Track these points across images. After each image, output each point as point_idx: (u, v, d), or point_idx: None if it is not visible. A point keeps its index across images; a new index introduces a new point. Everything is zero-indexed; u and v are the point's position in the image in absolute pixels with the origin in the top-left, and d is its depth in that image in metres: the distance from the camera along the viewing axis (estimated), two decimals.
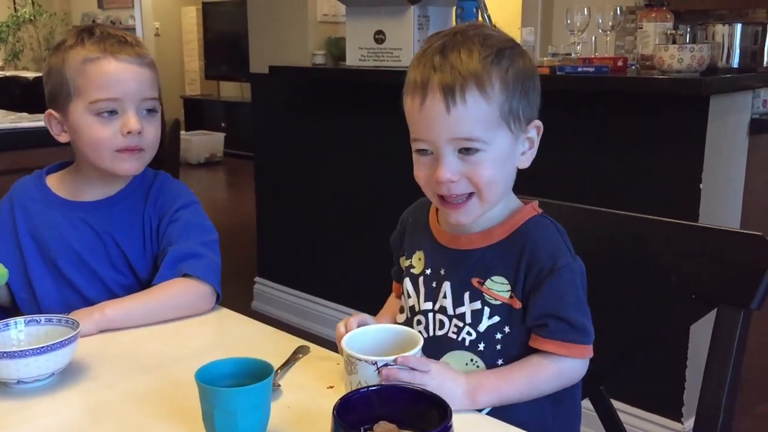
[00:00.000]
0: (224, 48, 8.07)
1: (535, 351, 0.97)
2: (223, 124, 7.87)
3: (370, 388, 0.83)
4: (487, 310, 0.98)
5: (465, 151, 0.93)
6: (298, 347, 1.08)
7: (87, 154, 1.23)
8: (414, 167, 0.99)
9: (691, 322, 1.04)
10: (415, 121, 0.95)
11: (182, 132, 7.11)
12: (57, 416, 0.92)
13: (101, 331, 1.14)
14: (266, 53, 3.20)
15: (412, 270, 1.08)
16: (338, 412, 0.77)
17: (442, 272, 1.03)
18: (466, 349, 0.99)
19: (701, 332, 1.10)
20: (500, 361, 0.98)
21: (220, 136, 7.62)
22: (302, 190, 3.15)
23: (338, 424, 0.76)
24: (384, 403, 0.84)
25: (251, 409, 0.80)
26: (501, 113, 0.93)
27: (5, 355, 0.92)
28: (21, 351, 0.92)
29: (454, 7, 2.69)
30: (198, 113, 8.25)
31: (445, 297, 1.01)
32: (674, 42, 2.10)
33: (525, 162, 0.99)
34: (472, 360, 0.98)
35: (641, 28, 2.30)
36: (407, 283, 1.07)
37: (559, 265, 0.95)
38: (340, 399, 0.80)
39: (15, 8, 9.11)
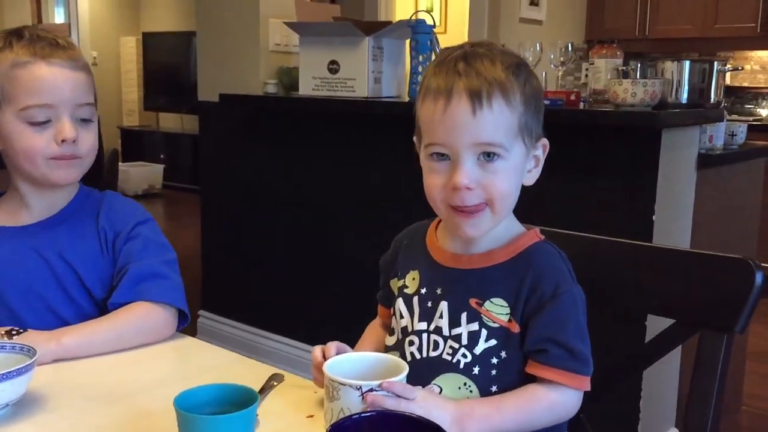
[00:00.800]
0: (164, 79, 7.95)
1: (531, 381, 0.94)
2: (162, 156, 7.71)
3: (363, 415, 0.79)
4: (484, 332, 0.95)
5: (486, 157, 0.91)
6: (272, 375, 1.03)
7: (20, 163, 1.15)
8: (425, 177, 0.96)
9: (673, 346, 1.04)
10: (435, 126, 0.92)
11: (120, 163, 6.95)
12: None
13: (56, 360, 1.07)
14: (216, 81, 3.14)
15: (405, 290, 1.04)
16: None
17: (439, 291, 1.00)
18: (461, 372, 0.95)
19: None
20: (494, 388, 0.94)
21: (159, 168, 7.45)
22: (251, 221, 3.08)
23: None
24: (376, 430, 0.80)
25: None
26: (519, 125, 0.93)
27: None
28: None
29: (408, 40, 2.71)
30: (136, 144, 8.06)
31: (441, 317, 0.98)
32: (626, 77, 2.15)
33: (530, 179, 0.99)
34: (465, 384, 0.95)
35: (592, 63, 2.35)
36: (400, 303, 1.04)
37: (561, 291, 0.93)
38: (332, 426, 0.75)
39: None
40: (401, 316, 1.03)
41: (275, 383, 1.00)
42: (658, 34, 4.78)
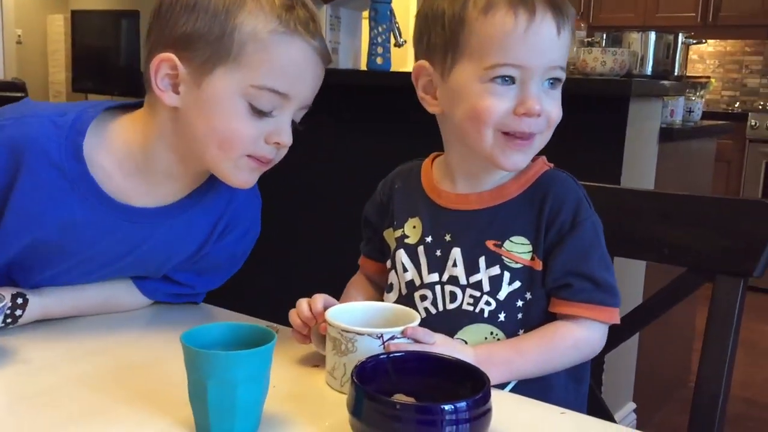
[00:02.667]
0: (94, 59, 7.63)
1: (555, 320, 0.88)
2: None
3: (389, 356, 0.72)
4: (507, 275, 0.87)
5: (553, 83, 0.86)
6: (265, 326, 0.95)
7: (204, 141, 0.88)
8: (475, 101, 0.84)
9: (686, 294, 1.00)
10: (512, 43, 0.82)
11: None
12: None
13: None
14: None
15: (406, 240, 0.95)
16: (360, 381, 0.66)
17: (448, 238, 0.91)
18: (485, 321, 0.87)
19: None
20: (521, 332, 0.87)
21: None
22: None
23: (361, 392, 0.65)
24: (399, 374, 0.73)
25: (252, 379, 0.66)
26: None
27: None
28: None
29: (366, 11, 2.64)
30: None
31: (455, 265, 0.89)
32: (592, 47, 2.14)
33: None
34: (492, 333, 0.87)
35: None
36: (401, 255, 0.94)
37: (581, 219, 0.86)
38: (357, 367, 0.68)
39: None
40: (405, 270, 0.94)
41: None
42: (600, 22, 4.84)
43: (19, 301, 0.93)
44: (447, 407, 0.62)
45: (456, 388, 0.69)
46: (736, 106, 4.89)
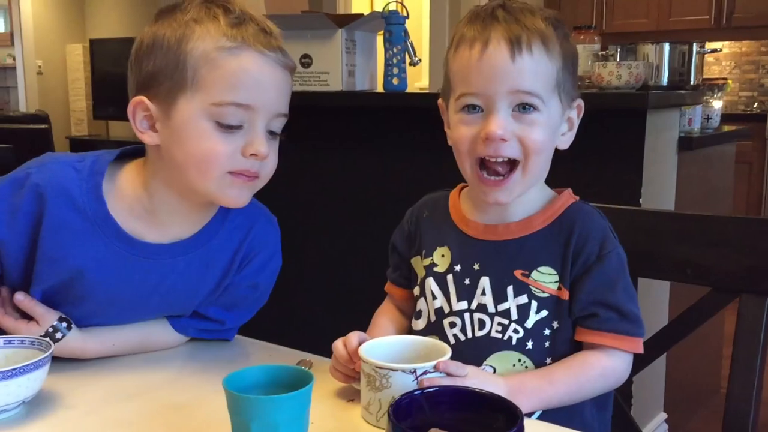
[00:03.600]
0: (113, 86, 7.72)
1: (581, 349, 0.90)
2: None
3: (424, 391, 0.74)
4: (534, 304, 0.90)
5: (521, 109, 0.87)
6: (300, 361, 0.98)
7: (185, 168, 0.91)
8: (453, 131, 0.91)
9: (711, 314, 1.02)
10: (469, 74, 0.87)
11: None
12: None
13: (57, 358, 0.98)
14: None
15: (435, 268, 0.98)
16: (396, 419, 0.68)
17: (477, 267, 0.94)
18: (513, 348, 0.90)
19: None
20: (548, 360, 0.90)
21: None
22: None
23: (398, 429, 0.67)
24: (434, 409, 0.75)
25: (293, 419, 0.69)
26: (557, 79, 0.88)
27: None
28: None
29: (381, 32, 2.67)
30: None
31: (483, 294, 0.92)
32: (606, 61, 2.15)
33: (564, 143, 0.94)
34: (520, 360, 0.90)
35: None
36: (431, 283, 0.97)
37: (606, 251, 0.89)
38: (393, 404, 0.70)
39: None
40: (434, 297, 0.96)
41: (305, 368, 0.94)
42: (614, 29, 4.85)
43: (64, 324, 0.96)
44: None
45: (489, 421, 0.71)
46: (755, 106, 4.87)
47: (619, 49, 2.35)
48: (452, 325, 0.94)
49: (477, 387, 0.77)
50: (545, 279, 0.90)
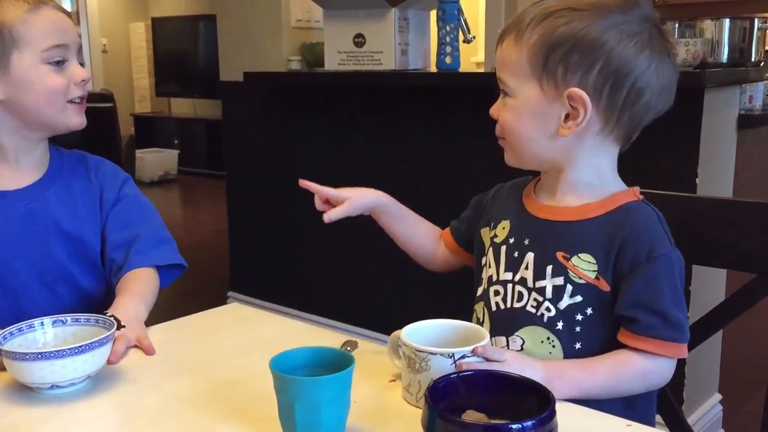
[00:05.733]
0: (175, 64, 7.91)
1: (616, 340, 0.92)
2: (175, 141, 7.69)
3: (460, 375, 0.77)
4: (569, 287, 0.92)
5: (502, 93, 0.97)
6: (345, 342, 1.01)
7: (35, 108, 1.13)
8: None
9: (755, 300, 1.01)
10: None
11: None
12: (101, 421, 0.83)
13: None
14: (238, 61, 3.11)
15: (495, 239, 1.03)
16: (432, 401, 0.71)
17: (527, 242, 0.98)
18: (544, 325, 0.94)
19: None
20: (578, 345, 0.92)
21: (173, 153, 7.42)
22: (279, 200, 3.06)
23: (434, 411, 0.70)
24: (470, 392, 0.78)
25: (335, 400, 0.73)
26: (531, 66, 0.92)
27: (40, 356, 0.83)
28: (57, 351, 0.83)
29: (435, 10, 2.67)
30: (149, 131, 8.03)
31: (526, 268, 0.96)
32: None
33: (565, 131, 0.93)
34: (548, 338, 0.93)
35: None
36: (489, 252, 1.03)
37: (657, 253, 0.90)
38: (430, 386, 0.74)
39: None
40: (489, 266, 1.02)
41: (350, 349, 0.99)
42: (674, 0, 4.70)
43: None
44: (515, 426, 0.67)
45: (523, 403, 0.74)
46: None
47: (677, 26, 2.29)
48: (496, 293, 0.99)
49: (515, 372, 0.80)
50: (583, 266, 0.92)
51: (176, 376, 0.93)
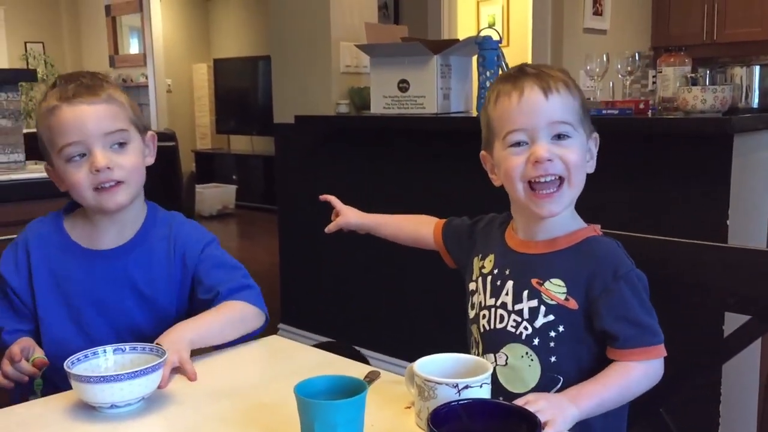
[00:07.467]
0: (234, 103, 8.23)
1: (588, 354, 1.07)
2: (234, 177, 7.97)
3: (460, 402, 0.87)
4: (543, 308, 1.08)
5: (558, 138, 1.07)
6: (369, 372, 1.12)
7: (76, 198, 1.26)
8: (503, 165, 1.10)
9: (750, 341, 1.08)
10: (511, 115, 1.08)
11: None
12: None
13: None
14: (290, 104, 3.29)
15: (483, 270, 1.20)
16: (434, 426, 0.81)
17: (507, 272, 1.14)
18: (522, 342, 1.09)
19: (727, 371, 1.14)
20: (553, 358, 1.07)
21: (231, 189, 7.70)
22: (328, 236, 3.19)
23: None
24: (471, 419, 0.88)
25: (350, 422, 0.84)
26: (580, 112, 1.09)
27: (102, 379, 0.96)
28: (116, 375, 0.97)
29: (475, 56, 2.79)
30: (209, 166, 8.35)
31: (506, 294, 1.13)
32: (695, 84, 2.18)
33: (590, 168, 1.12)
34: (527, 353, 1.09)
35: (660, 72, 2.38)
36: (479, 281, 1.19)
37: (621, 272, 1.06)
38: (432, 413, 0.84)
39: (28, 68, 9.30)
40: (479, 293, 1.18)
41: (371, 378, 1.09)
42: (725, 38, 4.73)
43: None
44: None
45: (516, 429, 0.83)
46: None
47: (708, 72, 2.37)
48: (484, 316, 1.16)
49: (554, 416, 0.93)
50: (555, 289, 1.08)
51: (217, 400, 1.06)
